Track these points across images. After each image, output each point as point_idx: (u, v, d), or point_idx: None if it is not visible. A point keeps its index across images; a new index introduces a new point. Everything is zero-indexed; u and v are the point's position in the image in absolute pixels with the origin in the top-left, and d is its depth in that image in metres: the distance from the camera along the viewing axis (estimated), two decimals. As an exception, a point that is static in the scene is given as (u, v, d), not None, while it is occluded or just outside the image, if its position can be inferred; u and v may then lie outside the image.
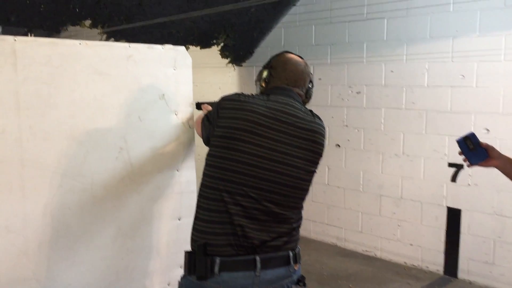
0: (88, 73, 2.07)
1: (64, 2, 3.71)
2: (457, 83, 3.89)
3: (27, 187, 1.95)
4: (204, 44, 4.91)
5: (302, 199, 1.82)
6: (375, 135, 4.43)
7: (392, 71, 4.27)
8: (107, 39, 4.35)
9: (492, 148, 1.96)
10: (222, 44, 4.99)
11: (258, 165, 1.71)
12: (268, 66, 1.96)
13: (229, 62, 5.30)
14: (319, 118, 1.88)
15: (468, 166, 2.02)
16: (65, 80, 2.00)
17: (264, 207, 1.72)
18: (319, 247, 4.82)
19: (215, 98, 2.52)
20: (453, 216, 4.02)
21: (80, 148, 2.06)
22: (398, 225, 4.37)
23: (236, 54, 5.18)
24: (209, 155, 1.80)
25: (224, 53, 5.14)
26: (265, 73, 1.95)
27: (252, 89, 5.40)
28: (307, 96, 1.98)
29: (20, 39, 1.89)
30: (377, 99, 4.39)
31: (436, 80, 4.01)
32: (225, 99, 1.84)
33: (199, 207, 1.79)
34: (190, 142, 2.41)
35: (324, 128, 1.86)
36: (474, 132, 2.00)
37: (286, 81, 1.90)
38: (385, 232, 4.46)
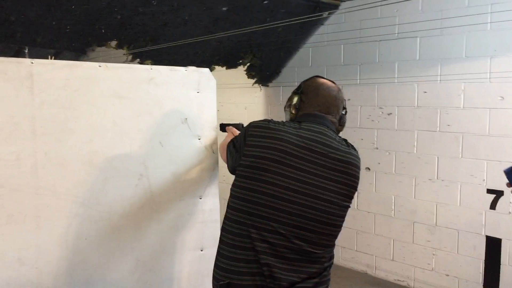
0: (108, 96, 1.98)
1: (89, 23, 3.68)
2: (496, 105, 3.68)
3: (42, 217, 1.86)
4: (230, 64, 4.83)
5: (335, 236, 1.66)
6: (407, 158, 4.23)
7: (425, 92, 4.08)
8: (133, 59, 4.31)
9: (544, 180, 1.78)
10: (248, 64, 4.90)
11: (288, 198, 1.57)
12: (299, 91, 1.83)
13: (255, 82, 5.20)
14: (354, 149, 1.73)
15: (518, 198, 1.83)
16: (83, 104, 1.92)
17: (294, 245, 1.57)
18: (348, 275, 4.60)
19: (241, 119, 2.39)
20: (493, 246, 3.77)
21: (98, 175, 1.97)
22: (433, 254, 4.13)
23: (263, 74, 5.08)
24: (234, 185, 1.67)
25: (250, 73, 5.04)
26: (295, 99, 1.82)
27: (278, 110, 5.32)
28: (341, 123, 1.84)
29: (37, 61, 1.82)
30: (409, 121, 4.21)
31: (472, 101, 3.81)
32: (253, 125, 1.71)
33: (222, 242, 1.66)
34: (213, 168, 2.29)
35: (359, 159, 1.72)
36: (523, 161, 1.82)
37: (319, 108, 1.77)
38: (419, 261, 4.23)
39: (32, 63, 1.80)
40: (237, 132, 2.15)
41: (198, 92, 2.21)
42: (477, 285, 3.87)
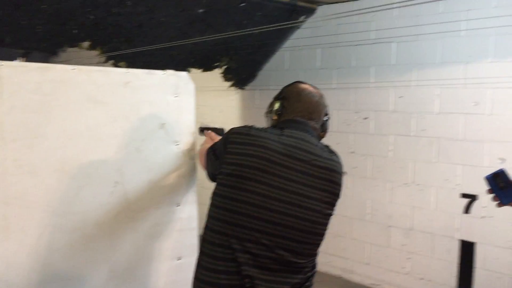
0: (82, 101, 1.90)
1: (61, 23, 3.57)
2: (470, 110, 3.73)
3: (11, 227, 1.76)
4: (206, 67, 4.76)
5: (318, 245, 1.62)
6: (383, 162, 4.25)
7: (401, 97, 4.11)
8: (106, 61, 4.21)
9: (525, 187, 1.78)
10: (224, 67, 4.85)
11: (271, 208, 1.52)
12: (280, 97, 1.78)
13: (231, 85, 5.15)
14: (337, 155, 1.69)
15: (499, 206, 1.83)
16: (56, 109, 1.83)
17: (277, 255, 1.52)
18: (323, 279, 4.59)
19: (216, 122, 2.33)
20: (467, 250, 3.81)
21: (71, 183, 1.88)
22: (408, 258, 4.15)
23: (239, 77, 5.03)
24: (215, 194, 1.61)
25: (226, 76, 4.99)
26: (276, 105, 1.77)
27: (254, 113, 5.27)
28: (323, 129, 1.80)
29: (7, 63, 1.72)
30: (385, 125, 4.22)
31: (447, 106, 3.85)
32: (234, 132, 1.65)
33: (202, 253, 1.60)
34: (191, 175, 2.22)
35: (341, 166, 1.68)
36: (503, 168, 1.82)
37: (301, 114, 1.73)
38: (394, 265, 4.25)
39: (1, 65, 1.71)
40: (216, 137, 2.10)
41: (176, 96, 2.15)
42: (451, 289, 3.91)
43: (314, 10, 4.52)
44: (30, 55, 4.44)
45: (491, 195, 1.84)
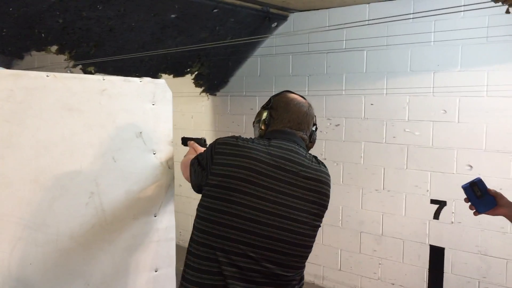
0: (56, 109, 1.83)
1: (28, 26, 3.45)
2: (439, 118, 3.81)
3: (-19, 241, 1.68)
4: (178, 72, 4.71)
5: (306, 257, 1.61)
6: (354, 169, 4.29)
7: (372, 104, 4.17)
8: (74, 66, 4.10)
9: (501, 196, 1.82)
10: (196, 72, 4.80)
11: (258, 220, 1.50)
12: (268, 106, 1.76)
13: (203, 91, 5.11)
14: (324, 166, 1.69)
15: (475, 214, 1.86)
16: (29, 117, 1.76)
17: (264, 268, 1.50)
18: (296, 286, 4.59)
19: (188, 128, 2.28)
20: (436, 255, 3.89)
21: (45, 194, 1.81)
22: (379, 263, 4.20)
23: (210, 83, 5.00)
24: (201, 206, 1.58)
25: (198, 82, 4.95)
26: (264, 114, 1.75)
27: (226, 119, 5.25)
28: (311, 140, 1.79)
29: (-22, 70, 1.65)
30: (356, 132, 4.27)
31: (417, 114, 3.92)
32: (221, 143, 1.62)
33: (187, 266, 1.56)
34: (169, 184, 2.18)
35: (329, 176, 1.68)
36: (480, 177, 1.86)
37: (289, 124, 1.71)
38: (366, 271, 4.29)
39: (-29, 72, 1.63)
40: (199, 147, 2.06)
41: (153, 104, 2.10)
42: (422, 293, 3.98)
43: (286, 17, 4.54)
44: (-6, 59, 4.28)
45: (468, 204, 1.87)
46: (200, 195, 1.67)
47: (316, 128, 1.82)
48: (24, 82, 1.74)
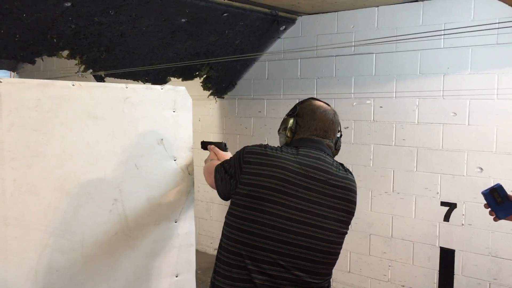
0: (81, 117, 1.85)
1: (41, 32, 3.47)
2: (449, 121, 3.83)
3: (10, 249, 1.70)
4: (187, 76, 4.73)
5: (333, 264, 1.64)
6: (363, 171, 4.31)
7: (381, 107, 4.19)
8: (85, 70, 4.12)
9: (521, 202, 1.84)
10: (204, 76, 4.82)
11: (289, 229, 1.52)
12: (294, 114, 1.77)
13: (211, 94, 5.13)
14: (351, 173, 1.71)
15: (495, 220, 1.88)
16: (55, 126, 1.78)
17: (294, 276, 1.53)
18: None
19: (195, 130, 2.30)
20: (447, 257, 3.91)
21: (70, 201, 1.83)
22: (389, 266, 4.22)
23: (218, 86, 5.02)
24: (230, 214, 1.60)
25: (206, 85, 4.96)
26: (290, 122, 1.76)
27: (233, 122, 5.27)
28: (336, 147, 1.81)
29: (6, 80, 1.67)
30: (365, 135, 4.29)
31: (427, 117, 3.94)
32: (249, 152, 1.63)
33: (217, 273, 1.58)
34: (189, 190, 2.20)
35: (355, 184, 1.70)
36: (500, 184, 1.88)
37: (316, 132, 1.73)
38: (375, 273, 4.31)
39: (0, 81, 1.65)
40: (220, 152, 2.08)
41: (174, 112, 2.13)
42: (432, 295, 4.00)
43: (294, 21, 4.56)
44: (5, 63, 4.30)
45: (488, 210, 1.89)
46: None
47: (341, 135, 1.84)
48: (51, 92, 1.76)
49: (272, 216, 1.53)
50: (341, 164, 1.72)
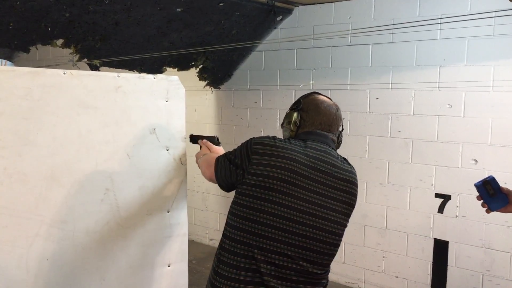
0: (73, 106, 1.84)
1: (35, 20, 3.44)
2: (444, 113, 3.83)
3: (0, 238, 1.69)
4: (182, 66, 4.70)
5: (334, 256, 1.68)
6: (359, 163, 4.31)
7: (377, 98, 4.18)
8: (80, 59, 4.10)
9: (513, 193, 1.84)
10: (200, 66, 4.80)
11: (296, 219, 1.56)
12: (298, 108, 1.78)
13: (207, 84, 5.11)
14: (353, 167, 1.74)
15: (487, 212, 1.89)
16: (46, 115, 1.77)
17: (299, 266, 1.57)
18: (299, 278, 4.62)
19: (191, 121, 2.29)
20: (440, 248, 3.92)
21: (61, 191, 1.83)
22: (383, 257, 4.24)
23: (215, 77, 5.00)
24: (236, 204, 1.61)
25: (202, 76, 4.94)
26: (295, 116, 1.77)
27: (229, 113, 5.26)
28: (339, 141, 1.84)
29: (-4, 68, 1.65)
30: (361, 126, 4.29)
31: (422, 108, 3.94)
32: (258, 143, 1.64)
33: (221, 262, 1.60)
34: (182, 180, 2.19)
35: (357, 178, 1.73)
36: (493, 176, 1.88)
37: (320, 126, 1.75)
38: (370, 264, 4.33)
39: (-10, 70, 1.64)
40: (213, 146, 2.07)
41: (166, 101, 2.12)
42: (425, 286, 4.01)
43: (291, 11, 4.54)
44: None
45: (480, 202, 1.89)
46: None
47: (343, 129, 1.86)
48: (41, 80, 1.75)
49: (281, 207, 1.55)
50: (344, 158, 1.75)
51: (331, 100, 1.84)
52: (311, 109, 1.77)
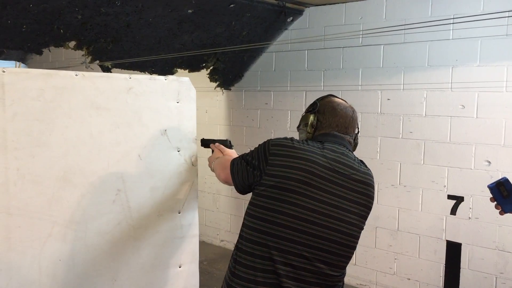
0: (85, 107, 1.86)
1: (48, 22, 3.47)
2: (457, 113, 3.79)
3: (13, 238, 1.72)
4: (193, 67, 4.72)
5: (350, 258, 1.68)
6: (370, 164, 4.21)
7: (388, 99, 4.15)
8: (92, 61, 4.13)
9: (528, 195, 1.82)
10: (211, 67, 4.81)
11: (314, 221, 1.56)
12: (315, 110, 1.78)
13: (218, 85, 5.12)
14: (370, 169, 1.73)
15: (501, 214, 1.86)
16: (58, 116, 1.79)
17: (316, 268, 1.57)
18: (310, 280, 4.61)
19: (201, 122, 2.30)
20: (453, 250, 3.88)
21: (73, 191, 1.84)
22: (395, 258, 4.21)
23: (225, 78, 5.00)
24: (253, 205, 1.61)
25: (213, 77, 4.95)
26: (311, 118, 1.77)
27: (240, 114, 5.26)
28: (355, 144, 1.85)
29: (10, 70, 1.67)
30: (372, 127, 4.26)
31: (434, 109, 3.91)
32: (275, 144, 1.64)
33: (238, 263, 1.60)
34: (192, 181, 2.20)
35: (373, 180, 1.72)
36: (507, 177, 1.86)
37: (337, 128, 1.75)
38: (381, 266, 4.30)
39: (3, 71, 1.65)
40: (226, 149, 2.07)
41: (178, 102, 2.12)
42: (438, 288, 3.98)
43: (302, 12, 4.53)
44: (12, 53, 4.32)
45: (494, 203, 1.87)
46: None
47: (359, 131, 1.85)
48: (54, 82, 1.76)
49: (298, 208, 1.55)
50: (361, 161, 1.74)
51: (347, 102, 1.84)
52: (327, 111, 1.77)
